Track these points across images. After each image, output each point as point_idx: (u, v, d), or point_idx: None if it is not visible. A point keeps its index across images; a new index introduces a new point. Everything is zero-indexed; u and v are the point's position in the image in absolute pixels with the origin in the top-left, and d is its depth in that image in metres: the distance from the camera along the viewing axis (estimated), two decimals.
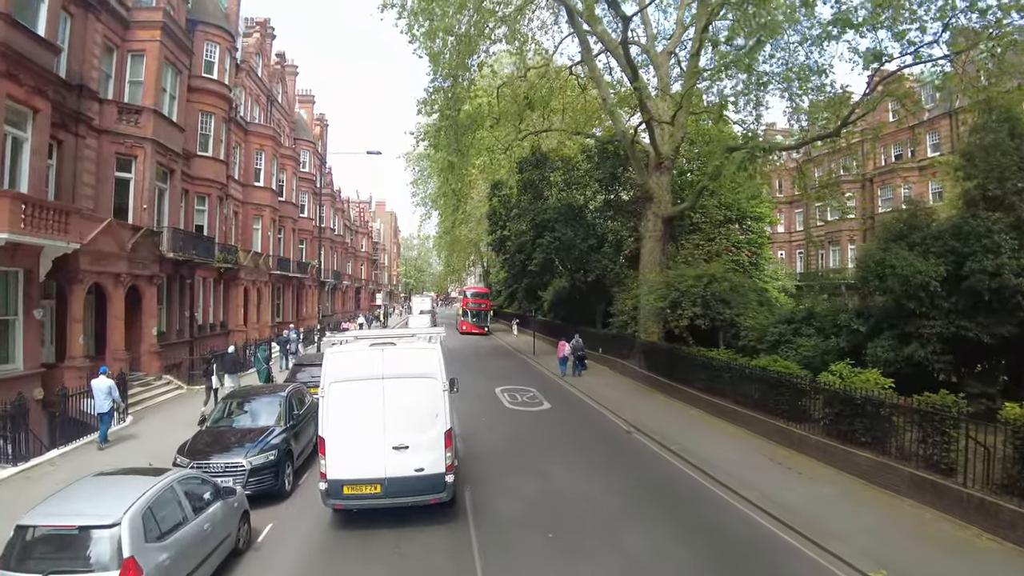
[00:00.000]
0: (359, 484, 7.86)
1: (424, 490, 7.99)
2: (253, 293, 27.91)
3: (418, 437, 7.99)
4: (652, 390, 19.36)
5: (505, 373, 23.81)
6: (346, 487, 7.86)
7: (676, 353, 18.08)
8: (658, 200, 22.19)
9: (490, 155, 26.57)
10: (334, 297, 50.71)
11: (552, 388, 20.29)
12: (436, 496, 8.08)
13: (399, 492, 7.91)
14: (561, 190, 30.04)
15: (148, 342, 18.01)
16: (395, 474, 7.86)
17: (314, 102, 46.78)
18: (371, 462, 7.84)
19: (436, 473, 7.99)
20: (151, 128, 18.38)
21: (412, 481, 7.90)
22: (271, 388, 11.83)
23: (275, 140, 31.52)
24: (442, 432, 8.07)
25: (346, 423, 7.92)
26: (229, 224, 27.57)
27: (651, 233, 22.28)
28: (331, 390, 7.98)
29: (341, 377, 8.02)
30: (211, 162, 24.55)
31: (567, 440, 13.53)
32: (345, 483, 7.85)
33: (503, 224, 31.90)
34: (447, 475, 8.08)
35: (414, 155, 50.32)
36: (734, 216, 30.43)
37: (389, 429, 7.90)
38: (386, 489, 7.86)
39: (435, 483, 8.01)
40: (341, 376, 8.03)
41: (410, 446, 7.93)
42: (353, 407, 7.94)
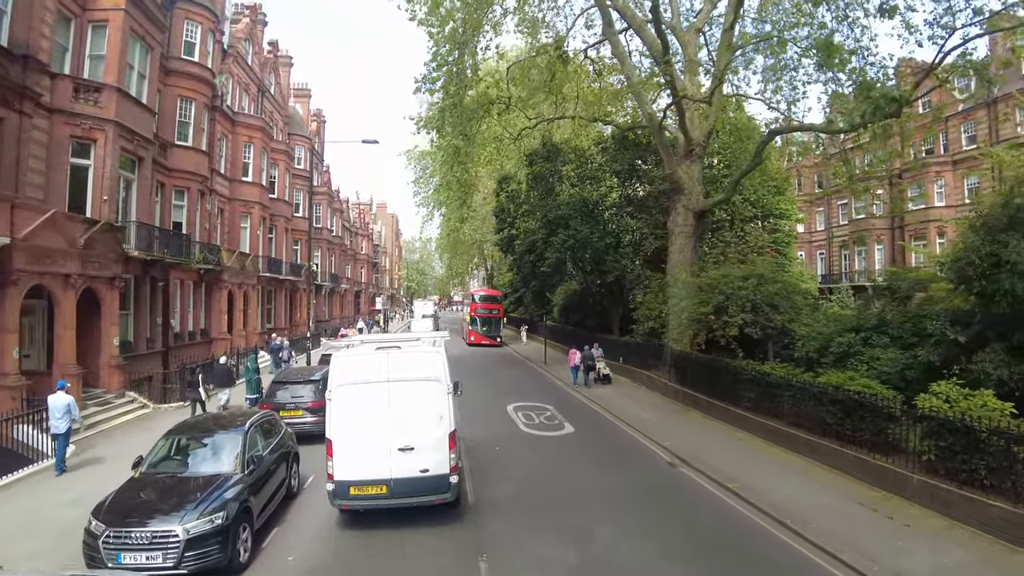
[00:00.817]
0: (365, 485, 8.01)
1: (429, 491, 8.14)
2: (239, 297, 25.54)
3: (423, 439, 8.12)
4: (687, 408, 16.91)
5: (516, 386, 21.40)
6: (353, 488, 8.00)
7: (718, 366, 15.64)
8: (688, 192, 19.81)
9: (497, 145, 24.21)
10: (331, 301, 48.33)
11: (571, 405, 17.85)
12: (441, 496, 8.22)
13: (405, 493, 8.05)
14: (573, 185, 27.67)
15: (108, 354, 15.64)
16: (401, 475, 7.98)
17: (310, 96, 44.58)
18: (377, 463, 7.99)
19: (441, 474, 8.13)
20: (113, 108, 16.06)
21: (417, 482, 8.03)
22: (230, 418, 9.37)
23: (265, 132, 29.24)
24: (446, 434, 8.20)
25: (353, 425, 8.05)
26: (213, 222, 25.24)
27: (681, 229, 19.88)
28: (338, 393, 8.12)
29: (348, 380, 8.17)
30: (191, 153, 22.23)
31: (600, 477, 11.08)
32: (352, 484, 7.99)
33: (511, 222, 29.48)
34: (451, 476, 8.22)
35: (415, 152, 48.14)
36: (758, 213, 28.01)
37: (395, 431, 8.05)
38: (392, 490, 8.00)
39: (440, 484, 8.16)
40: (348, 379, 8.18)
41: (415, 448, 8.05)
42: (359, 410, 8.06)
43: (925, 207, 37.09)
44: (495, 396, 18.84)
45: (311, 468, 10.65)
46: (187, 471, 7.71)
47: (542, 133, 26.19)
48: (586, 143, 29.35)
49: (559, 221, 24.24)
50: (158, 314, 19.10)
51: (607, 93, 23.85)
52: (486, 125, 25.13)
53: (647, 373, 20.48)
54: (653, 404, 17.67)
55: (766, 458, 12.15)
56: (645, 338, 21.13)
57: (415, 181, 48.89)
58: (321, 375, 13.66)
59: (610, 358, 25.06)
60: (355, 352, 8.84)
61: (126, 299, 17.57)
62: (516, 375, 24.36)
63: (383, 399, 8.09)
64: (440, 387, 8.32)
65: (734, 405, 14.88)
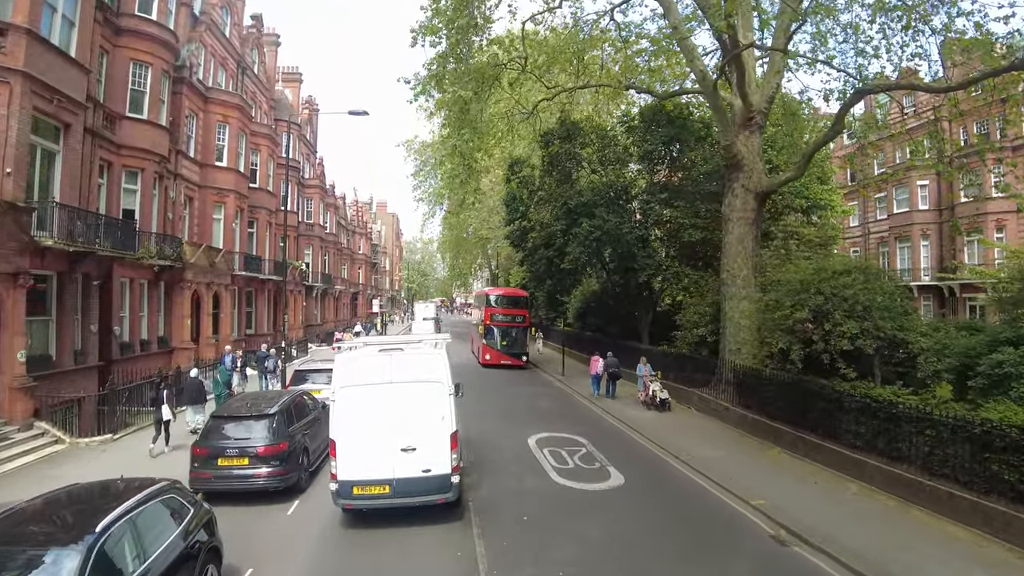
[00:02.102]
0: (369, 485, 8.03)
1: (431, 490, 8.15)
2: (208, 299, 21.87)
3: (425, 439, 8.14)
4: (762, 442, 13.14)
5: (536, 407, 17.67)
6: (356, 488, 8.01)
7: (809, 389, 11.89)
8: (748, 169, 16.12)
9: (508, 122, 20.53)
10: (324, 304, 44.64)
11: (610, 437, 14.07)
12: (443, 496, 8.21)
13: (407, 492, 8.08)
14: (594, 170, 24.01)
15: (10, 373, 11.98)
16: (403, 475, 8.03)
17: (301, 81, 40.99)
18: (380, 463, 8.01)
19: (443, 474, 8.14)
20: (22, 55, 12.43)
21: (420, 482, 8.07)
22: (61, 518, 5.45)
23: (243, 111, 25.62)
24: (448, 434, 8.20)
25: (356, 426, 8.07)
26: (178, 211, 21.61)
27: (739, 215, 16.17)
28: (341, 395, 8.18)
29: (351, 382, 8.23)
30: (146, 127, 18.59)
31: (683, 569, 7.36)
32: (355, 484, 8.00)
33: (523, 212, 25.80)
34: (453, 476, 8.21)
35: (415, 144, 44.48)
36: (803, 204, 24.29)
37: (397, 431, 8.08)
38: (395, 489, 8.04)
39: (442, 483, 8.15)
40: (351, 381, 8.24)
41: (417, 448, 8.09)
42: (363, 411, 8.09)
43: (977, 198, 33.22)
44: (512, 423, 15.14)
45: (257, 553, 7.20)
46: None
47: (561, 107, 22.47)
48: (608, 123, 25.72)
49: (582, 209, 20.54)
50: (93, 320, 15.41)
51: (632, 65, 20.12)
52: (495, 99, 21.48)
53: (697, 392, 16.71)
54: (715, 436, 13.88)
55: (912, 527, 8.45)
56: (693, 349, 17.36)
57: (415, 174, 45.17)
58: (281, 405, 10.00)
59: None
60: (358, 354, 8.88)
61: (44, 301, 13.92)
62: (534, 392, 20.57)
63: (386, 400, 8.15)
64: (442, 388, 8.35)
65: (834, 442, 11.18)
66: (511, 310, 27.36)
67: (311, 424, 10.84)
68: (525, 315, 27.61)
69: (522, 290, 29.75)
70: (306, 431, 10.46)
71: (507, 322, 27.02)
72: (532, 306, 33.29)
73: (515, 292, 29.76)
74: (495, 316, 26.82)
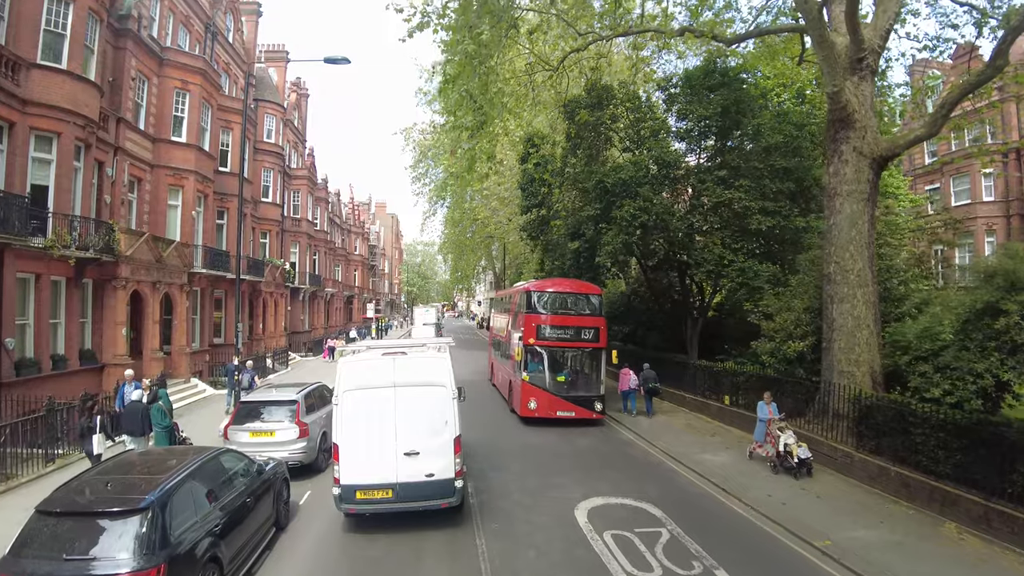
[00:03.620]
0: (372, 489, 7.90)
1: (434, 495, 8.02)
2: (153, 302, 17.59)
3: (429, 443, 8.02)
4: (924, 512, 8.83)
5: (574, 446, 13.33)
6: (359, 492, 7.89)
7: (1005, 435, 7.61)
8: (861, 127, 11.92)
9: (529, 78, 16.33)
10: (312, 308, 40.35)
11: (696, 504, 9.60)
12: (446, 500, 8.07)
13: (410, 497, 7.97)
14: (626, 149, 19.82)
15: None
16: (406, 479, 7.92)
17: (287, 61, 36.76)
18: (383, 468, 7.90)
19: (446, 478, 8.01)
20: None
21: (423, 486, 7.95)
22: None
23: (209, 79, 21.46)
24: (451, 439, 8.09)
25: (359, 430, 7.95)
26: (118, 192, 17.42)
27: (850, 188, 11.94)
28: (345, 398, 8.06)
29: (354, 385, 8.14)
30: (64, 80, 14.39)
31: None
32: (358, 488, 7.88)
33: (541, 199, 21.55)
34: (456, 480, 8.08)
35: (414, 131, 40.33)
36: None
37: (401, 435, 7.98)
38: (398, 494, 7.93)
39: (445, 488, 8.03)
40: (354, 384, 8.15)
41: (421, 452, 7.97)
42: (366, 414, 7.99)
43: None
44: (543, 472, 10.88)
45: None
46: None
47: (592, 64, 18.24)
48: (644, 92, 21.51)
49: (622, 188, 16.30)
50: None
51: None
52: (514, 54, 17.30)
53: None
54: (849, 500, 9.49)
55: None
56: (777, 364, 13.04)
57: (413, 166, 41.03)
58: (164, 492, 5.69)
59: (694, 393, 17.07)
60: (362, 357, 8.82)
61: None
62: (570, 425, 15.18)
63: (389, 404, 8.02)
64: (445, 392, 8.19)
65: None
66: (574, 320, 15.57)
67: (238, 510, 6.57)
68: (600, 328, 15.48)
69: (591, 285, 17.14)
70: (224, 523, 6.18)
71: (568, 341, 15.42)
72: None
73: (581, 287, 16.62)
74: (544, 331, 15.36)
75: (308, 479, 10.38)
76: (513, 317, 17.74)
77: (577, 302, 16.02)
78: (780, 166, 16.59)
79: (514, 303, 18.07)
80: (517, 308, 17.22)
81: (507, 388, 17.82)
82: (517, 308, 17.22)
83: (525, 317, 15.67)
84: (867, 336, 11.51)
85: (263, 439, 10.07)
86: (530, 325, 15.34)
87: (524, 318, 15.73)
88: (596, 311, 15.86)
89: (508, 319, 18.84)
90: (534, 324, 15.27)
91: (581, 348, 15.62)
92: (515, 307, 17.73)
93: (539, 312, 15.54)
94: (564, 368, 15.55)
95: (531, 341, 15.17)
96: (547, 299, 15.89)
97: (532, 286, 16.61)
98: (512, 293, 19.34)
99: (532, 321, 15.35)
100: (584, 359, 15.87)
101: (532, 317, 15.45)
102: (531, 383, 15.20)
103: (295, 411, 10.29)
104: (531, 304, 15.73)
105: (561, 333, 15.39)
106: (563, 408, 15.12)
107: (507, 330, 18.70)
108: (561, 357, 15.64)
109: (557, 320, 15.43)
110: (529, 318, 15.48)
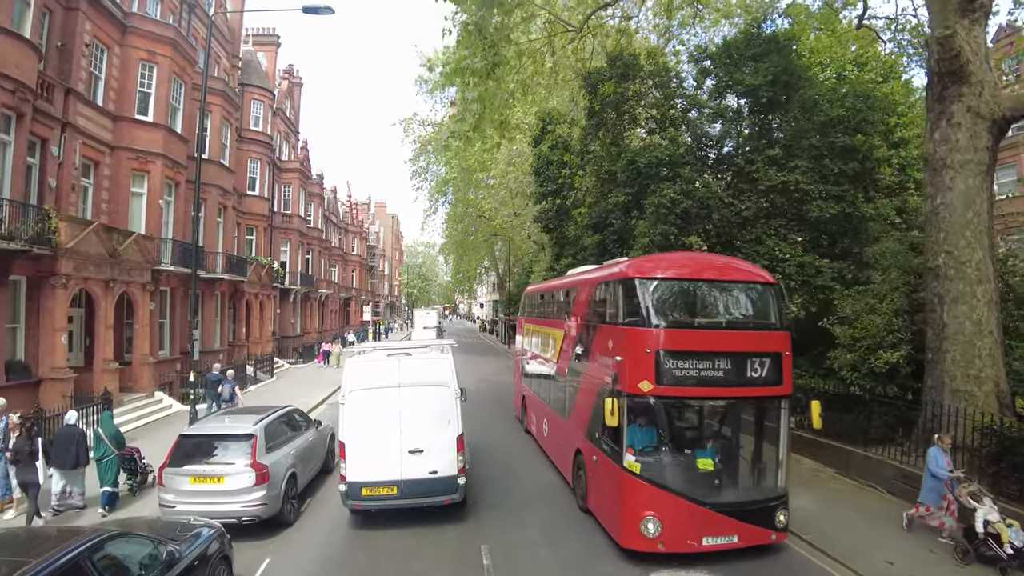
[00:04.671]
0: (377, 486, 8.00)
1: (438, 491, 8.09)
2: (106, 304, 15.01)
3: (432, 442, 8.10)
4: None
5: None
6: (364, 489, 7.99)
7: None
8: (977, 81, 9.41)
9: (548, 41, 13.86)
10: (305, 310, 37.78)
11: None
12: (449, 497, 8.15)
13: (414, 493, 8.02)
14: (652, 131, 17.35)
15: None
16: (411, 476, 7.99)
17: (277, 45, 34.35)
18: (388, 465, 7.99)
19: (449, 476, 8.10)
20: None
21: (427, 483, 8.02)
22: None
23: (179, 50, 18.93)
24: (454, 437, 8.18)
25: (365, 428, 8.04)
26: (66, 176, 14.91)
27: (964, 157, 9.43)
28: (351, 398, 8.16)
29: (360, 386, 8.23)
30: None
31: None
32: (364, 485, 7.98)
33: (556, 188, 18.97)
34: (459, 477, 8.17)
35: (414, 122, 37.80)
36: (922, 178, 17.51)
37: (405, 434, 8.06)
38: (402, 491, 8.00)
39: (448, 485, 8.10)
40: (360, 384, 8.24)
41: (424, 450, 8.05)
42: (371, 413, 8.09)
43: None
44: None
45: None
46: None
47: (622, 27, 15.74)
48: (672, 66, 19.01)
49: (658, 170, 13.77)
50: None
51: None
52: (528, 14, 14.78)
53: (880, 459, 9.79)
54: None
55: None
56: (868, 382, 10.44)
57: (413, 159, 38.44)
58: None
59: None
60: (367, 358, 8.94)
61: None
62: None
63: (394, 403, 8.12)
64: (449, 392, 8.27)
65: None
66: (731, 339, 7.58)
67: None
68: (781, 355, 7.51)
69: (749, 265, 8.95)
70: None
71: (721, 384, 7.39)
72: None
73: (735, 271, 8.26)
74: (672, 365, 7.22)
75: (269, 539, 7.84)
76: (584, 334, 9.47)
77: (731, 299, 7.91)
78: (842, 144, 14.10)
79: (581, 304, 9.82)
80: (593, 315, 9.24)
81: (569, 462, 9.67)
82: (593, 315, 9.24)
83: (627, 336, 7.61)
84: (990, 345, 8.98)
85: (208, 487, 7.53)
86: (640, 354, 7.22)
87: (623, 339, 7.69)
88: (767, 316, 7.78)
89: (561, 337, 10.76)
90: (651, 351, 7.14)
91: (744, 398, 7.62)
92: (584, 312, 9.61)
93: (656, 323, 7.28)
94: (709, 442, 7.81)
95: (646, 389, 7.09)
96: (671, 294, 7.76)
97: (633, 268, 8.04)
98: (574, 285, 10.59)
99: (645, 343, 7.20)
100: (749, 420, 7.91)
101: (643, 336, 7.25)
102: (647, 479, 7.19)
103: (251, 449, 7.74)
104: (638, 306, 7.48)
105: (707, 368, 7.22)
106: (715, 529, 7.13)
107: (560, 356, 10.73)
108: (706, 419, 8.08)
109: (698, 340, 7.40)
110: (637, 338, 7.33)
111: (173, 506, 7.55)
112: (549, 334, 11.95)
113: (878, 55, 19.47)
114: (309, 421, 10.35)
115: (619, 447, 7.40)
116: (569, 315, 10.51)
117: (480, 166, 28.25)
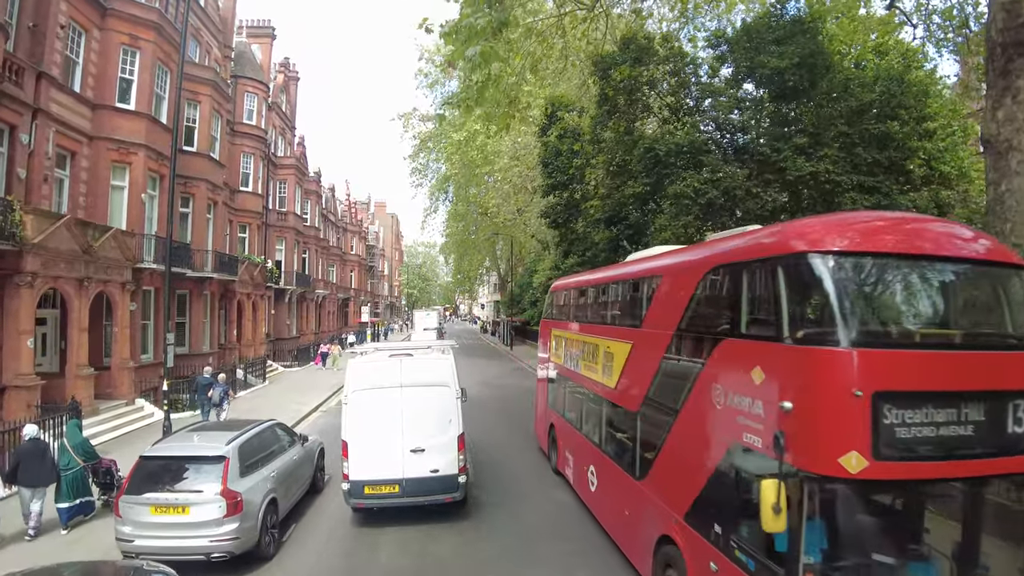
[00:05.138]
0: (379, 485, 8.12)
1: (439, 490, 8.19)
2: (80, 306, 13.89)
3: (434, 441, 8.22)
4: None
5: None
6: (367, 487, 8.11)
7: None
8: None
9: (558, 21, 12.81)
10: (301, 311, 36.70)
11: None
12: (450, 495, 8.26)
13: (416, 492, 8.14)
14: (665, 120, 16.30)
15: None
16: (412, 475, 8.10)
17: (273, 37, 33.29)
18: (390, 464, 8.10)
19: (450, 474, 8.20)
20: None
21: (428, 482, 8.13)
22: None
23: (164, 35, 17.85)
24: (455, 436, 8.29)
25: (367, 428, 8.17)
26: (38, 166, 13.83)
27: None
28: (354, 398, 8.29)
29: (363, 386, 8.35)
30: None
31: None
32: (366, 484, 8.10)
33: (566, 180, 17.88)
34: (460, 476, 8.28)
35: (414, 116, 36.73)
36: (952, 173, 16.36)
37: (407, 433, 8.18)
38: (404, 489, 8.11)
39: (449, 483, 8.21)
40: (363, 384, 8.36)
41: (426, 449, 8.17)
42: (374, 413, 8.20)
43: None
44: None
45: None
46: None
47: (636, 7, 14.69)
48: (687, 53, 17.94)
49: (676, 158, 12.70)
50: None
51: None
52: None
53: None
54: None
55: None
56: None
57: (412, 155, 37.35)
58: None
59: None
60: (370, 359, 9.03)
61: None
62: None
63: (396, 403, 8.22)
64: (450, 392, 8.39)
65: None
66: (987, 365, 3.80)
67: None
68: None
69: (1003, 246, 4.71)
70: None
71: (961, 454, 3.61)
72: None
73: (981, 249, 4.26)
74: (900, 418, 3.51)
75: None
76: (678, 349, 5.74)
77: (967, 293, 4.49)
78: (875, 130, 13.05)
79: (671, 303, 5.99)
80: (700, 320, 5.48)
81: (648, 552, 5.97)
82: (700, 320, 5.48)
83: (802, 363, 3.82)
84: None
85: (171, 518, 6.43)
86: (837, 399, 3.56)
87: (794, 368, 3.89)
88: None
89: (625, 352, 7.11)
90: (863, 392, 3.49)
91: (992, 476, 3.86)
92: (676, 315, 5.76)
93: (865, 339, 3.71)
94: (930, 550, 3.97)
95: (855, 469, 3.45)
96: (881, 285, 4.18)
97: (804, 238, 4.10)
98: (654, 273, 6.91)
99: (847, 378, 3.55)
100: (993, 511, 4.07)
101: (842, 365, 3.60)
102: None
103: (222, 474, 6.63)
104: (824, 306, 3.83)
105: (950, 421, 3.63)
106: None
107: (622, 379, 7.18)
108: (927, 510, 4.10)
109: (936, 369, 3.72)
110: (828, 368, 3.67)
111: (131, 540, 6.47)
112: (598, 345, 8.23)
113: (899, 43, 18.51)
114: (294, 437, 9.25)
115: (777, 563, 3.86)
116: (641, 319, 6.76)
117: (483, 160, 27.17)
